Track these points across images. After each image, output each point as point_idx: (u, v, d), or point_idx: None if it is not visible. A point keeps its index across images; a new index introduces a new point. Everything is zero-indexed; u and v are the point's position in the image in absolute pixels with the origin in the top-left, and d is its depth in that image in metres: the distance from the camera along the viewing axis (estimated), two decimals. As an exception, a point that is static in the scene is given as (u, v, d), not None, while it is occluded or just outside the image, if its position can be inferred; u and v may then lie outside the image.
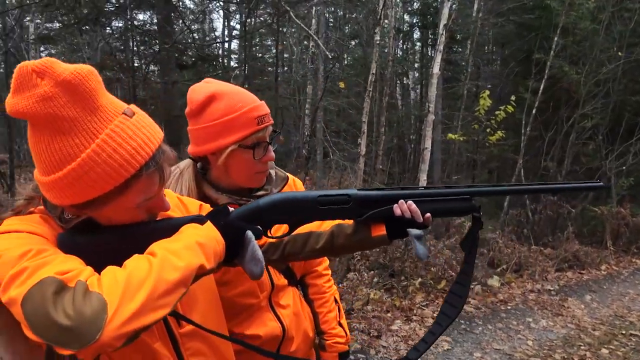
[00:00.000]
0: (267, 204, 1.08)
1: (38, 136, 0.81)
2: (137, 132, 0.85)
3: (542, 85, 7.93)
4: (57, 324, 0.70)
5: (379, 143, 7.56)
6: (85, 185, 0.81)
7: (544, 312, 5.04)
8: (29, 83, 0.78)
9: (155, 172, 0.88)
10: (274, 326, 1.45)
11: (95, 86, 0.82)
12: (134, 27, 6.56)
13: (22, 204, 0.92)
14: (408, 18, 12.26)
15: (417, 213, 1.10)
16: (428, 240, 6.44)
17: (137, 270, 0.77)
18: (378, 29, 5.68)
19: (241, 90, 1.36)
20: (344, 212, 1.13)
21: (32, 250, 0.78)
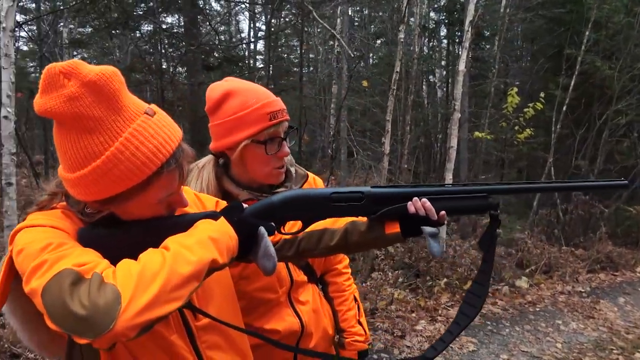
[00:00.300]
0: (280, 201, 1.09)
1: (64, 135, 0.84)
2: (158, 131, 0.88)
3: (573, 82, 7.70)
4: (73, 313, 0.72)
5: (404, 142, 7.49)
6: (109, 182, 0.85)
7: (574, 315, 4.90)
8: (56, 84, 0.82)
9: (176, 169, 0.92)
10: (292, 321, 1.46)
11: (118, 87, 0.85)
12: (162, 30, 6.69)
13: (45, 199, 0.95)
14: (434, 15, 12.11)
15: (431, 211, 1.09)
16: (454, 240, 6.35)
17: (151, 263, 0.80)
18: (402, 26, 5.63)
19: (256, 87, 1.38)
20: (357, 210, 1.13)
21: (53, 243, 0.81)
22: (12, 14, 3.58)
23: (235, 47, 8.50)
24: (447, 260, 5.57)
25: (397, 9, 7.58)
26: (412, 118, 8.27)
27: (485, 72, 9.80)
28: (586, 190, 1.71)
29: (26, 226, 0.87)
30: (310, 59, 16.58)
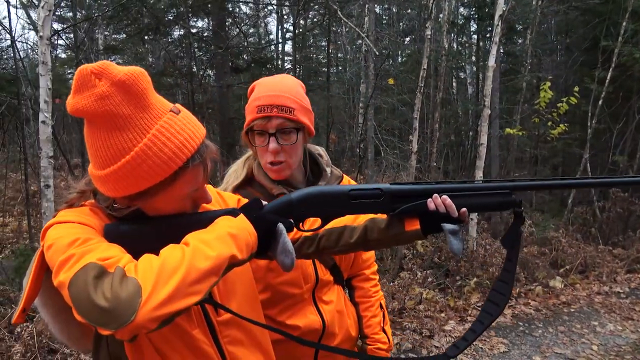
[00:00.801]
0: (298, 198, 1.10)
1: (95, 133, 0.89)
2: (183, 127, 0.93)
3: (610, 74, 7.42)
4: (97, 305, 0.76)
5: (432, 140, 7.40)
6: (139, 177, 0.89)
7: (611, 316, 4.73)
8: (88, 84, 0.86)
9: (200, 164, 0.95)
10: (313, 319, 1.47)
11: (146, 86, 0.90)
12: (191, 34, 6.83)
13: (74, 197, 1.00)
14: (464, 11, 11.89)
15: (451, 207, 1.08)
16: (484, 239, 6.23)
17: (171, 258, 0.83)
18: (429, 23, 5.56)
19: (275, 82, 1.40)
20: (376, 207, 1.12)
21: (80, 238, 0.86)
22: (49, 23, 3.73)
23: (263, 49, 8.59)
24: (477, 260, 5.48)
25: (425, 6, 7.49)
26: (441, 116, 8.16)
27: (517, 67, 9.57)
28: (618, 186, 1.58)
29: (56, 222, 0.91)
30: (339, 58, 16.58)
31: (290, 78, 1.44)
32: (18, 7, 11.00)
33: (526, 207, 8.04)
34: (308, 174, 1.51)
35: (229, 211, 1.01)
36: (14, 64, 6.98)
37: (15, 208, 7.44)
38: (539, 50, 9.34)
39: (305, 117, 1.39)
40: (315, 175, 1.52)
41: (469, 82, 12.75)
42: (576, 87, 6.64)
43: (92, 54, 10.17)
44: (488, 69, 5.90)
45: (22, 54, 8.13)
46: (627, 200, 6.98)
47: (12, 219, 6.89)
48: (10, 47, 7.09)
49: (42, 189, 3.86)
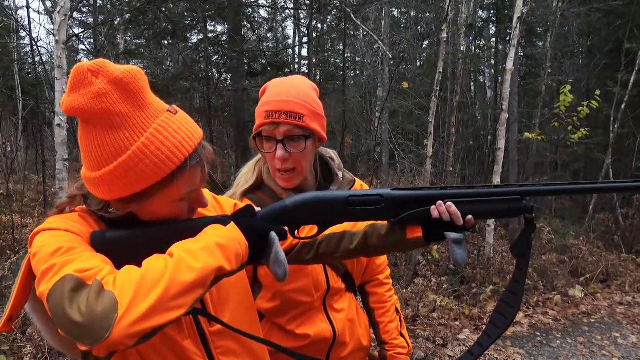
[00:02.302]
0: (293, 204, 1.05)
1: (91, 132, 0.86)
2: (181, 127, 0.90)
3: (633, 77, 7.22)
4: (71, 320, 0.73)
5: (449, 144, 7.29)
6: (136, 177, 0.86)
7: (634, 327, 4.57)
8: (84, 81, 0.84)
9: (198, 165, 0.93)
10: (324, 328, 1.43)
11: (143, 85, 0.88)
12: (207, 39, 6.88)
13: (65, 201, 0.97)
14: (482, 13, 11.74)
15: (456, 215, 1.02)
16: (501, 246, 6.10)
17: (152, 270, 0.79)
18: (445, 25, 5.49)
19: (285, 85, 1.35)
20: (376, 214, 1.07)
21: (63, 247, 0.83)
22: (64, 27, 3.78)
23: (278, 53, 8.60)
24: (494, 267, 5.36)
25: (442, 8, 7.41)
26: (458, 120, 8.04)
27: (537, 70, 9.39)
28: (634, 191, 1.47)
29: (43, 229, 0.89)
30: (357, 62, 16.55)
31: (302, 81, 1.40)
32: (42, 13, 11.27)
33: (546, 214, 7.86)
34: (320, 178, 1.47)
35: (219, 219, 0.97)
36: (34, 68, 7.12)
37: (35, 210, 7.58)
38: (559, 53, 9.15)
39: (315, 124, 1.33)
40: (327, 180, 1.48)
41: (487, 85, 12.58)
42: (598, 90, 6.48)
43: (112, 58, 10.35)
44: (506, 72, 5.79)
45: (44, 58, 8.34)
46: (652, 208, 6.77)
47: (32, 220, 7.01)
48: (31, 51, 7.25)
49: (58, 192, 3.91)
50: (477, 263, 5.49)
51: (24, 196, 7.32)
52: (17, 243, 5.07)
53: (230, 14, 6.95)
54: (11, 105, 10.76)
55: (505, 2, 9.37)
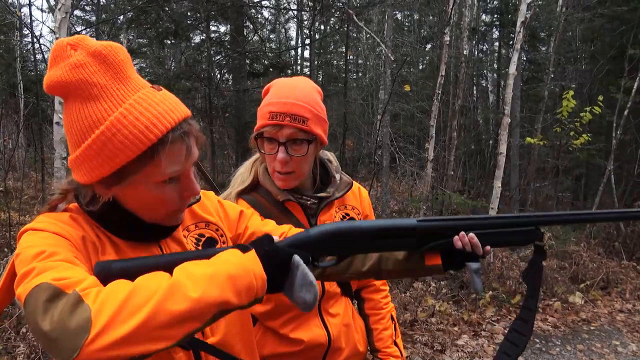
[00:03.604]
0: (318, 235, 1.00)
1: (70, 107, 0.83)
2: (164, 101, 0.85)
3: (637, 84, 7.19)
4: (41, 331, 0.68)
5: (450, 148, 7.27)
6: (114, 150, 0.81)
7: (634, 335, 4.53)
8: (63, 54, 0.82)
9: (182, 141, 0.86)
10: (319, 333, 1.40)
11: (124, 58, 0.85)
12: (209, 39, 6.87)
13: (57, 198, 0.93)
14: (486, 17, 11.74)
15: (478, 247, 1.02)
16: (501, 251, 6.07)
17: (141, 290, 0.70)
18: (447, 29, 5.47)
19: (290, 86, 1.34)
20: (402, 244, 1.05)
21: (45, 252, 0.78)
22: (65, 25, 3.76)
23: (281, 55, 8.59)
24: (494, 272, 5.32)
25: (445, 12, 7.40)
26: (460, 124, 8.02)
27: (540, 75, 9.37)
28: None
29: (30, 229, 0.85)
30: (359, 64, 16.55)
31: (307, 83, 1.38)
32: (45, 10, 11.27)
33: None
34: (317, 180, 1.45)
35: (240, 246, 0.87)
36: (35, 66, 7.12)
37: (34, 207, 7.57)
38: (562, 58, 9.13)
39: (318, 128, 1.32)
40: (324, 182, 1.46)
41: (490, 89, 12.57)
42: (601, 96, 6.45)
43: (114, 57, 10.34)
44: (509, 77, 5.76)
45: (46, 55, 8.31)
46: (654, 215, 6.72)
47: (30, 218, 7.00)
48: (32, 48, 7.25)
49: (54, 190, 3.89)
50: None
51: (23, 193, 7.31)
52: (14, 241, 5.05)
53: (233, 15, 6.95)
54: (13, 102, 10.77)
55: (508, 6, 9.37)
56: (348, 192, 1.47)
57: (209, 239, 1.05)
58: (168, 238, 0.98)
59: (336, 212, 1.46)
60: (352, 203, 1.50)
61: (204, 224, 1.06)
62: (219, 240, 1.07)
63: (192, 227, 1.04)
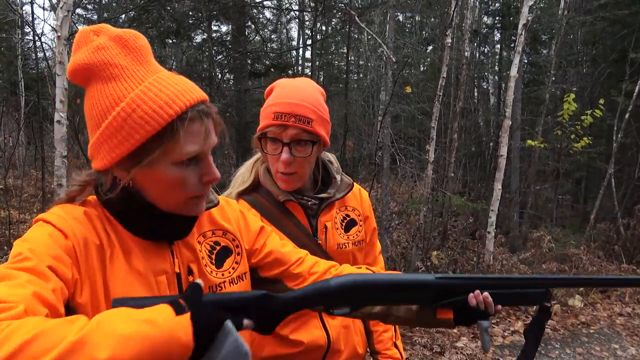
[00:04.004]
0: (338, 286, 0.98)
1: (92, 91, 0.85)
2: (182, 82, 0.86)
3: (638, 88, 7.19)
4: None
5: (451, 150, 7.26)
6: (134, 125, 0.80)
7: (633, 339, 4.53)
8: (86, 40, 0.86)
9: (201, 121, 0.85)
10: (318, 335, 1.39)
11: (144, 44, 0.87)
12: (211, 38, 6.87)
13: (76, 189, 0.91)
14: (487, 20, 11.74)
15: (491, 305, 1.02)
16: (501, 253, 6.07)
17: (46, 338, 0.63)
18: (449, 31, 5.47)
19: (294, 87, 1.33)
20: (418, 299, 1.06)
21: (22, 254, 0.76)
22: (67, 23, 3.76)
23: (282, 55, 8.59)
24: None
25: (446, 14, 7.40)
26: (461, 126, 8.02)
27: (541, 77, 9.37)
28: None
29: (41, 219, 0.84)
30: (360, 65, 16.56)
31: (311, 84, 1.37)
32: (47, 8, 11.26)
33: (547, 222, 7.83)
34: (319, 182, 1.45)
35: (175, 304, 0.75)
36: (36, 64, 7.12)
37: (34, 205, 7.57)
38: (563, 61, 9.13)
39: (322, 129, 1.32)
40: (325, 183, 1.46)
41: (491, 92, 12.58)
42: (602, 99, 6.45)
43: (115, 56, 10.34)
44: (510, 79, 5.77)
45: (48, 54, 8.33)
46: (654, 218, 6.73)
47: (30, 216, 7.00)
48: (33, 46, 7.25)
49: (56, 188, 3.89)
50: (477, 270, 5.46)
51: (23, 192, 7.31)
52: (14, 239, 5.05)
53: (235, 14, 6.94)
54: (14, 100, 10.77)
55: (510, 9, 9.37)
56: (349, 193, 1.47)
57: (223, 248, 1.04)
58: (181, 243, 0.96)
59: (337, 213, 1.46)
60: (353, 204, 1.51)
61: (221, 232, 1.04)
62: (234, 251, 1.05)
63: (209, 233, 1.03)
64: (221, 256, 1.02)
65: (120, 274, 0.85)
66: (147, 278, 0.88)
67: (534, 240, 6.73)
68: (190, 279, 0.94)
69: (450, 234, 7.12)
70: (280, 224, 1.36)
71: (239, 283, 1.03)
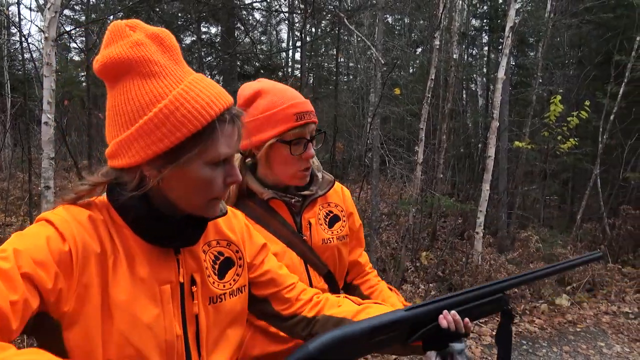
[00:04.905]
0: (317, 349, 0.97)
1: (127, 85, 0.83)
2: (215, 83, 0.88)
3: (622, 89, 7.30)
4: None
5: (440, 151, 7.32)
6: (176, 122, 0.81)
7: (619, 337, 4.59)
8: (122, 34, 0.84)
9: (234, 124, 0.88)
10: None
11: (176, 45, 0.88)
12: (200, 40, 6.86)
13: (85, 189, 0.88)
14: (475, 22, 11.84)
15: (460, 323, 1.02)
16: (489, 254, 6.12)
17: None
18: (437, 33, 5.52)
19: (286, 88, 1.38)
20: (396, 338, 1.04)
21: (5, 252, 0.74)
22: (54, 24, 3.73)
23: (271, 56, 8.60)
24: (482, 274, 5.37)
25: (435, 16, 7.46)
26: (450, 127, 8.08)
27: (528, 79, 9.48)
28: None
29: (44, 219, 0.82)
30: (350, 67, 16.60)
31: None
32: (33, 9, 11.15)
33: (534, 222, 7.91)
34: None
35: None
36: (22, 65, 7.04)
37: (21, 208, 7.47)
38: (550, 63, 9.24)
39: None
40: None
41: (479, 93, 12.69)
42: (587, 101, 6.54)
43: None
44: (497, 81, 5.83)
45: (35, 55, 8.25)
46: (639, 218, 6.83)
47: (16, 219, 6.92)
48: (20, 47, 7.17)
49: (43, 190, 3.84)
50: (465, 270, 5.50)
51: (9, 194, 7.22)
52: (0, 242, 4.99)
53: (224, 16, 6.94)
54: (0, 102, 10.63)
55: (498, 11, 9.47)
56: (330, 190, 1.50)
57: (227, 259, 1.03)
58: (187, 251, 0.95)
59: (320, 210, 1.48)
60: (335, 201, 1.53)
61: (225, 242, 1.04)
62: (236, 263, 1.04)
63: (213, 242, 1.02)
64: (224, 267, 1.02)
65: (123, 282, 0.83)
66: (151, 286, 0.87)
67: (521, 241, 6.80)
68: (193, 289, 0.93)
69: (439, 234, 7.17)
70: (265, 222, 1.38)
71: (239, 295, 1.02)
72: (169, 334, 0.87)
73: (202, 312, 0.94)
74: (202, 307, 0.94)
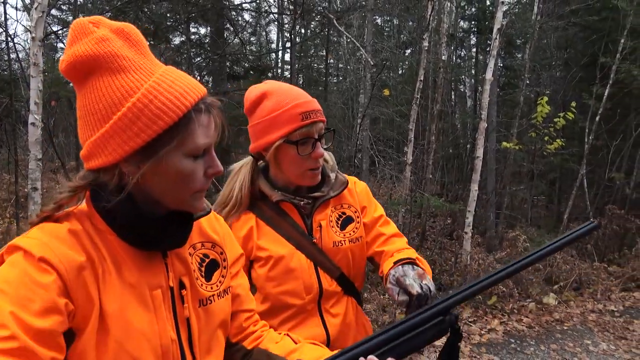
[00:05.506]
0: None
1: (95, 84, 0.80)
2: (186, 75, 0.86)
3: (608, 91, 7.41)
4: None
5: (429, 152, 7.37)
6: (152, 116, 0.78)
7: (604, 335, 4.66)
8: (86, 31, 0.81)
9: (210, 114, 0.86)
10: (318, 333, 1.39)
11: (142, 39, 0.86)
12: (189, 40, 6.83)
13: (65, 196, 0.84)
14: (464, 24, 11.94)
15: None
16: (478, 253, 6.17)
17: None
18: (426, 34, 5.55)
19: (292, 87, 1.37)
20: None
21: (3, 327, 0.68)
22: (42, 24, 3.70)
23: (261, 57, 8.59)
24: (470, 274, 5.41)
25: (423, 17, 7.51)
26: (439, 128, 8.13)
27: (516, 81, 9.58)
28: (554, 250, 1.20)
29: (17, 246, 0.76)
30: (339, 68, 16.62)
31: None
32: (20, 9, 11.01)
33: (522, 222, 7.99)
34: None
35: None
36: (8, 65, 6.95)
37: (7, 210, 7.38)
38: (537, 64, 9.34)
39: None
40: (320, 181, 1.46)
41: (468, 95, 12.78)
42: (574, 102, 6.63)
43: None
44: (485, 82, 5.88)
45: (21, 55, 8.13)
46: (624, 218, 6.94)
47: (2, 221, 6.83)
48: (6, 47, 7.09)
49: (30, 192, 3.81)
50: (454, 270, 5.54)
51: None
52: (-14, 244, 4.92)
53: (213, 17, 6.91)
54: (-15, 103, 10.46)
55: (485, 13, 9.55)
56: (344, 190, 1.46)
57: (212, 261, 1.02)
58: (174, 255, 0.93)
59: (332, 212, 1.45)
60: (349, 201, 1.49)
61: (210, 245, 1.03)
62: (221, 265, 1.04)
63: (198, 245, 1.01)
64: (210, 269, 1.01)
65: (113, 290, 0.82)
66: (142, 292, 0.85)
67: (509, 240, 6.86)
68: (183, 292, 0.92)
69: (429, 234, 7.22)
70: (275, 224, 1.38)
71: (225, 297, 1.02)
72: (164, 338, 0.86)
73: (193, 315, 0.93)
74: (193, 310, 0.93)
